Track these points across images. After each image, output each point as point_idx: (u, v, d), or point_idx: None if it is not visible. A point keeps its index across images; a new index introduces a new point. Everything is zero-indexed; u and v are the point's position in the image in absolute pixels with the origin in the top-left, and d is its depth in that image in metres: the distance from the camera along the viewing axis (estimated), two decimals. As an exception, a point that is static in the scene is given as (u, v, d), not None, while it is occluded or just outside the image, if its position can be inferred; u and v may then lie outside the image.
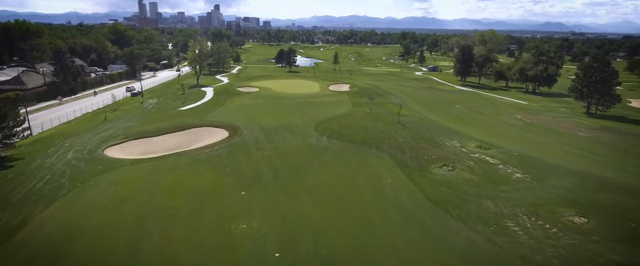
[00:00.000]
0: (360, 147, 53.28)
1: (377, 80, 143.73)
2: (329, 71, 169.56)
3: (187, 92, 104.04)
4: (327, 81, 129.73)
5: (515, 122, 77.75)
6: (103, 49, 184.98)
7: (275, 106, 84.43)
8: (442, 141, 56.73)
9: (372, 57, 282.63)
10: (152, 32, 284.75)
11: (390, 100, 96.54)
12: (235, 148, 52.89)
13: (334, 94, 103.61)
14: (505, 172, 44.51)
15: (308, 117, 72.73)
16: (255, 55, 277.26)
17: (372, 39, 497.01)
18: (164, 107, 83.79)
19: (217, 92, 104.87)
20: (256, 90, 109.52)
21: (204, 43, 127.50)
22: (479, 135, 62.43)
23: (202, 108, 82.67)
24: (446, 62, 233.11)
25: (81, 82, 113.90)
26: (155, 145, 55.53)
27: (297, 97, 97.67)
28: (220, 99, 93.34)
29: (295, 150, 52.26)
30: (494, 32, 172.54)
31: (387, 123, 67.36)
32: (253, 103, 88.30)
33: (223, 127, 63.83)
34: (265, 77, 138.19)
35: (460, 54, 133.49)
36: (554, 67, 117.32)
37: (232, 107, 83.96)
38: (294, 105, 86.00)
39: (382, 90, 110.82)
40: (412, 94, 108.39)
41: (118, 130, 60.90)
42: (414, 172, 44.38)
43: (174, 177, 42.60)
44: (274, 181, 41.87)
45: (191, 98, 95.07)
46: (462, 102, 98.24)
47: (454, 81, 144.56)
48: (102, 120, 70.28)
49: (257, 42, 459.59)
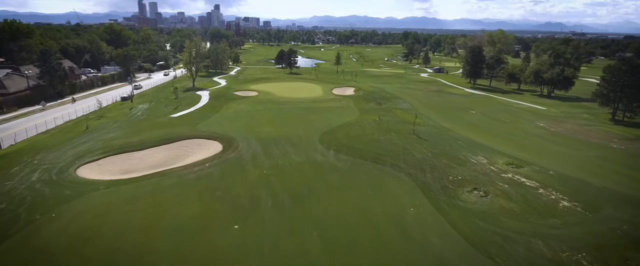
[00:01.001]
0: (373, 165, 46.25)
1: (382, 82, 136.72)
2: (331, 73, 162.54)
3: (181, 97, 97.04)
4: (330, 84, 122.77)
5: (539, 131, 70.72)
6: (97, 50, 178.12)
7: (276, 113, 77.42)
8: (466, 157, 49.70)
9: (374, 58, 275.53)
10: (149, 32, 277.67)
11: (400, 105, 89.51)
12: (229, 165, 45.91)
13: (339, 99, 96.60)
14: (548, 199, 37.48)
15: (311, 126, 65.73)
16: (255, 56, 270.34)
17: (374, 39, 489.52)
18: (153, 114, 76.82)
19: (213, 96, 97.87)
20: (255, 94, 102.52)
21: (199, 43, 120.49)
22: (505, 148, 55.41)
23: (195, 115, 75.67)
24: (451, 63, 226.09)
25: (69, 86, 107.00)
26: (138, 161, 48.52)
27: (299, 102, 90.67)
28: (216, 105, 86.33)
29: (299, 168, 45.26)
30: (503, 32, 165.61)
31: (401, 134, 60.29)
32: (251, 109, 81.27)
33: (216, 139, 56.82)
34: (265, 80, 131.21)
35: (470, 55, 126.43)
36: (571, 70, 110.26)
37: (228, 114, 76.95)
38: (295, 111, 78.99)
39: (389, 94, 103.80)
40: (422, 98, 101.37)
41: (97, 143, 53.86)
42: (440, 199, 37.36)
43: (154, 205, 35.63)
44: (274, 211, 34.89)
45: (185, 103, 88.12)
46: (476, 107, 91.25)
47: (463, 83, 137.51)
48: (83, 130, 63.26)
49: (257, 42, 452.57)
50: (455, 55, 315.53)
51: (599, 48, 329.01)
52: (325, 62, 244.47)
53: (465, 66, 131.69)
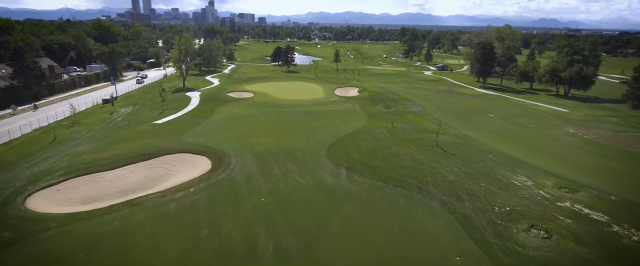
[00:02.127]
0: (396, 189, 37.69)
1: (385, 81, 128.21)
2: (331, 71, 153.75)
3: (168, 99, 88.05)
4: (332, 83, 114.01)
5: (571, 139, 62.54)
6: (84, 47, 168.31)
7: (274, 118, 68.65)
8: (505, 177, 41.25)
9: (372, 55, 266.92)
10: (140, 28, 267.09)
11: (410, 108, 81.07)
12: (219, 190, 37.22)
13: (342, 101, 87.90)
14: (630, 242, 29.15)
15: (316, 135, 57.05)
16: (250, 53, 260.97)
17: (370, 35, 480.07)
18: (135, 119, 67.85)
19: (205, 98, 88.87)
20: (250, 95, 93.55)
21: (190, 40, 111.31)
22: (545, 164, 47.09)
23: (182, 121, 66.77)
24: (454, 60, 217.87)
25: (47, 86, 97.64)
26: (107, 184, 39.68)
27: (299, 104, 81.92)
28: (207, 108, 77.43)
29: (305, 194, 36.64)
30: (511, 27, 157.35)
31: (422, 146, 51.73)
32: (246, 114, 72.43)
33: (205, 153, 48.03)
34: (261, 79, 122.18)
35: (481, 52, 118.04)
36: (591, 68, 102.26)
37: (219, 120, 68.09)
38: (296, 116, 70.28)
39: (396, 95, 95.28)
40: (432, 100, 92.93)
41: (61, 160, 44.90)
42: (490, 241, 28.90)
43: (119, 252, 26.99)
44: (276, 260, 26.37)
45: (172, 106, 79.19)
46: (494, 110, 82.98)
47: (471, 82, 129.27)
48: (50, 141, 54.25)
49: (252, 38, 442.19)
50: (455, 51, 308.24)
51: (599, 45, 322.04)
52: (322, 59, 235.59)
53: (474, 64, 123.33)
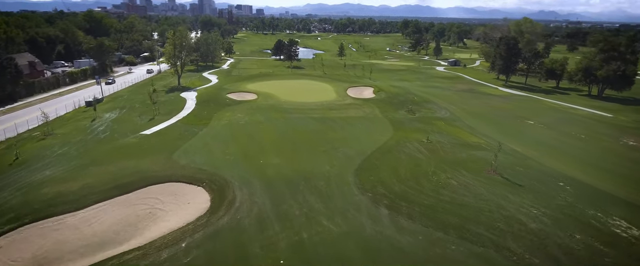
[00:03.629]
0: (464, 244, 27.54)
1: (399, 78, 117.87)
2: (337, 67, 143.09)
3: (161, 100, 77.67)
4: (342, 82, 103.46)
5: (638, 155, 52.58)
6: (73, 40, 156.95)
7: (283, 128, 58.34)
8: (600, 221, 31.15)
9: (375, 48, 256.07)
10: (134, 20, 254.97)
11: (438, 113, 70.91)
12: (221, 246, 27.11)
13: (359, 104, 77.48)
14: None
15: (337, 152, 46.86)
16: (249, 46, 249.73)
17: (371, 27, 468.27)
18: (120, 129, 57.54)
19: (201, 99, 78.42)
20: (253, 97, 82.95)
21: (185, 34, 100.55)
22: (635, 196, 37.06)
23: (175, 131, 56.43)
24: (464, 54, 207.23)
25: (25, 86, 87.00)
26: (70, 234, 29.42)
27: (310, 109, 71.57)
28: (204, 114, 67.05)
29: (338, 251, 26.57)
30: (531, 20, 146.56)
31: (474, 170, 41.51)
32: (250, 121, 62.07)
33: (202, 183, 37.75)
34: (264, 77, 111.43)
35: (505, 47, 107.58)
36: (631, 66, 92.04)
37: (219, 128, 57.74)
38: (309, 125, 60.00)
39: (417, 97, 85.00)
40: (457, 102, 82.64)
41: (15, 195, 34.47)
42: None
43: None
44: None
45: (164, 111, 68.90)
46: (530, 115, 72.88)
47: (490, 79, 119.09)
48: (10, 161, 43.81)
49: (250, 30, 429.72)
50: (461, 45, 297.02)
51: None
52: (324, 53, 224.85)
53: (496, 60, 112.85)
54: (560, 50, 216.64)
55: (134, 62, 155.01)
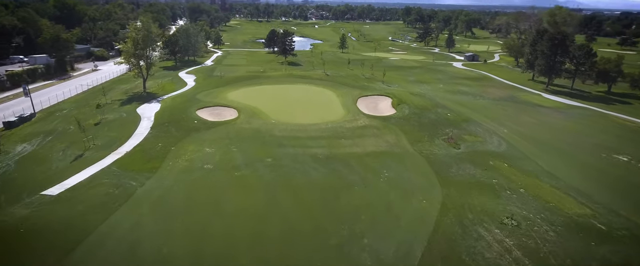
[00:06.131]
0: None
1: (415, 79, 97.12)
2: (340, 63, 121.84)
3: (107, 119, 57.18)
4: (349, 87, 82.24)
5: None
6: (36, 31, 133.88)
7: (270, 184, 37.65)
8: None
9: (377, 37, 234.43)
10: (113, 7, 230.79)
11: (488, 143, 50.47)
12: None
13: (376, 126, 56.59)
14: None
15: (362, 254, 26.66)
16: (242, 34, 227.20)
17: (371, 15, 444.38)
18: (19, 180, 37.16)
19: (161, 119, 57.57)
20: (232, 115, 61.47)
21: (149, 26, 79.00)
22: None
23: (99, 188, 35.83)
24: (480, 47, 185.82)
25: (-63, 94, 66.10)
26: None
27: (310, 137, 50.90)
28: (157, 148, 46.36)
29: None
30: (565, 9, 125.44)
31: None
32: (220, 168, 41.36)
33: None
34: (252, 79, 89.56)
35: (549, 44, 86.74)
36: None
37: (168, 185, 37.01)
38: (311, 175, 39.43)
39: (450, 112, 64.41)
40: (504, 119, 62.18)
41: None
42: None
43: None
44: None
45: (103, 140, 48.46)
46: (612, 143, 52.69)
47: (522, 80, 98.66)
48: None
49: (244, 17, 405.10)
50: (469, 34, 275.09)
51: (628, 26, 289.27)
52: (322, 43, 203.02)
53: (536, 59, 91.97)
54: (578, 41, 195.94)
55: (105, 56, 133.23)
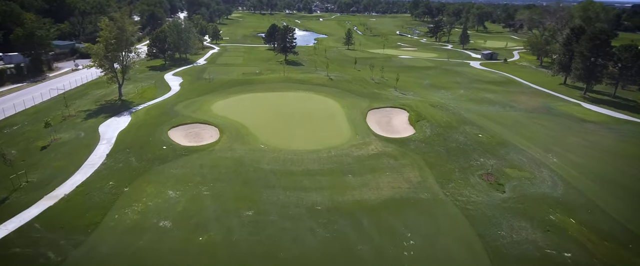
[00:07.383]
0: None
1: (431, 84, 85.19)
2: (344, 61, 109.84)
3: (63, 139, 45.99)
4: (356, 95, 70.27)
5: None
6: (18, 24, 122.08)
7: (248, 256, 26.34)
8: None
9: (384, 31, 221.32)
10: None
11: (539, 183, 38.72)
12: None
13: (393, 154, 44.77)
14: None
15: None
16: (243, 28, 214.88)
17: (377, 7, 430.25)
18: None
19: (123, 142, 46.04)
20: (213, 138, 49.32)
21: (125, 23, 67.44)
22: None
23: None
24: (497, 42, 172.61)
25: None
26: None
27: (308, 172, 39.18)
28: (103, 189, 34.92)
29: None
30: (599, 3, 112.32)
31: None
32: (182, 217, 30.01)
33: None
34: (245, 85, 77.54)
35: (589, 44, 74.37)
36: None
37: (106, 251, 25.73)
38: (306, 245, 28.15)
39: (482, 133, 52.52)
40: (549, 144, 50.20)
41: None
42: None
43: None
44: None
45: (41, 176, 37.31)
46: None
47: (552, 85, 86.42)
48: None
49: (247, 10, 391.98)
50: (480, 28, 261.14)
51: None
52: (327, 37, 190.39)
53: (576, 64, 79.30)
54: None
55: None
